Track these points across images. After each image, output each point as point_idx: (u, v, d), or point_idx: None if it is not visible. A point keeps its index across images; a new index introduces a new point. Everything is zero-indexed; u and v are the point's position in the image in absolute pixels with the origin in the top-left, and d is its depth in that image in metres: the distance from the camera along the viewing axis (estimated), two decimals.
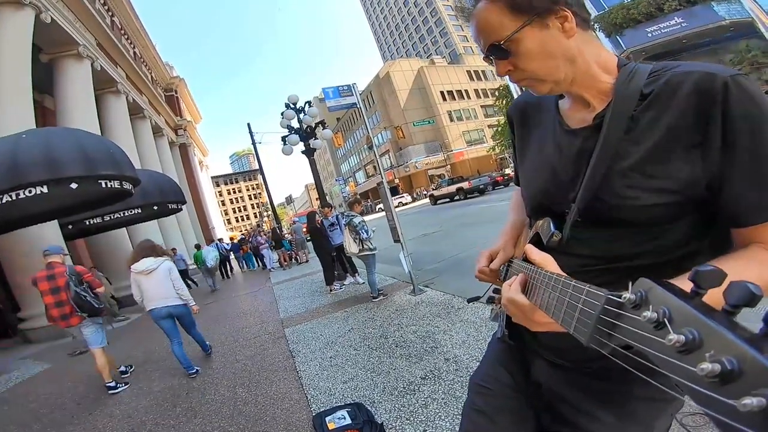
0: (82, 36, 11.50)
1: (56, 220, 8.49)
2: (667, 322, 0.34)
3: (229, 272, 16.29)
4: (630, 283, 0.40)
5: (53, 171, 5.65)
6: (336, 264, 7.42)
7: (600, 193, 0.69)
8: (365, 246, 5.74)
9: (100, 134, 11.66)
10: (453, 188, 24.92)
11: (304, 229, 12.82)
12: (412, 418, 2.33)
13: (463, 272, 5.87)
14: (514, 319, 0.71)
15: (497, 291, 0.98)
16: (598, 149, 0.69)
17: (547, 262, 0.64)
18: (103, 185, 6.38)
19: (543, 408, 0.89)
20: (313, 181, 9.11)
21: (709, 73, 0.61)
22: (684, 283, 0.37)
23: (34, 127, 8.28)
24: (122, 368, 4.70)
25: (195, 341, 4.60)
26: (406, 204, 36.19)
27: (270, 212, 23.36)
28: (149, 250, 4.31)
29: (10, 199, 5.52)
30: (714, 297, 0.34)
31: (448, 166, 48.22)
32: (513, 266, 0.88)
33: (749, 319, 0.33)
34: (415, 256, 7.54)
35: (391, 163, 51.03)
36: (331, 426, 2.32)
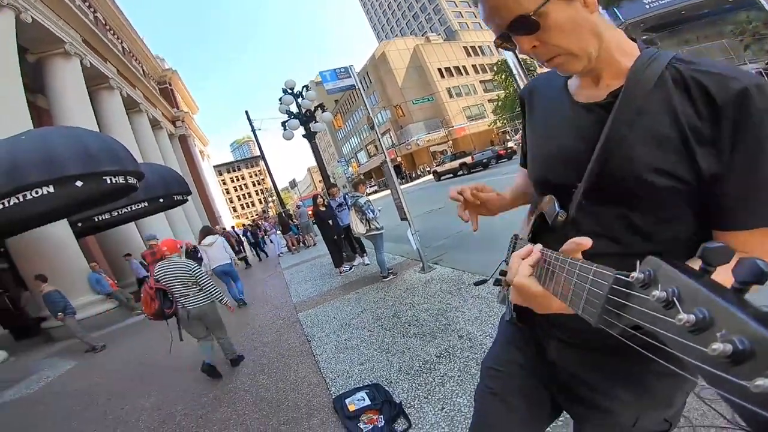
0: (67, 34, 11.31)
1: (65, 219, 8.58)
2: (676, 302, 0.33)
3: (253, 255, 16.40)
4: (638, 262, 0.40)
5: (58, 171, 5.69)
6: (344, 245, 7.46)
7: (608, 167, 0.69)
8: (372, 226, 5.75)
9: (98, 130, 11.65)
10: (456, 164, 24.78)
11: (310, 213, 12.88)
12: (429, 397, 2.38)
13: (470, 247, 5.88)
14: (516, 301, 0.70)
15: (504, 273, 0.97)
16: (610, 123, 0.68)
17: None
18: (108, 181, 6.42)
19: (558, 388, 0.90)
20: (315, 164, 9.08)
21: (732, 77, 0.61)
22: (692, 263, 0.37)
23: (31, 127, 8.26)
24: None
25: (237, 289, 6.89)
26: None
27: (275, 198, 23.45)
28: (208, 231, 6.96)
29: (17, 201, 5.59)
30: (722, 275, 0.34)
31: (450, 142, 47.75)
32: (519, 245, 0.88)
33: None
34: (422, 233, 7.53)
35: (392, 141, 50.60)
36: (351, 408, 2.39)
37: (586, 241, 0.58)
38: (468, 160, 23.78)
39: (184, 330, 3.77)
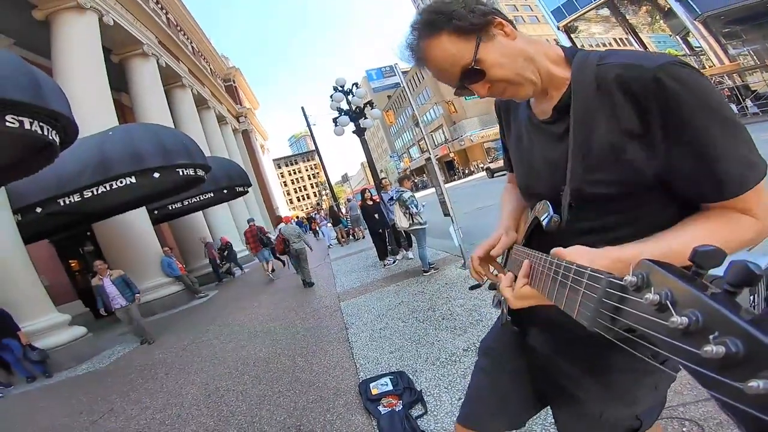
0: (144, 35, 12.35)
1: (144, 207, 9.57)
2: (669, 305, 0.33)
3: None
4: (631, 266, 0.40)
5: (138, 163, 6.41)
6: (389, 239, 7.60)
7: (580, 180, 0.72)
8: (415, 220, 5.81)
9: (173, 126, 12.78)
10: None
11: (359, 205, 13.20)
12: (449, 387, 2.44)
13: None
14: (523, 306, 0.72)
15: None
16: (572, 140, 0.72)
17: (576, 255, 0.62)
18: (181, 173, 7.11)
19: (538, 371, 0.96)
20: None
21: (639, 66, 0.63)
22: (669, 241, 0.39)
23: (116, 122, 9.23)
24: (272, 274, 10.03)
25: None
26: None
27: (328, 191, 24.30)
28: (280, 220, 9.72)
29: (104, 190, 6.38)
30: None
31: None
32: (513, 252, 0.91)
33: None
34: (468, 229, 7.45)
35: (445, 137, 49.97)
36: (374, 392, 2.52)
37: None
38: None
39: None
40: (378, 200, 7.52)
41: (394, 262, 7.27)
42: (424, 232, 5.82)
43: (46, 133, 4.09)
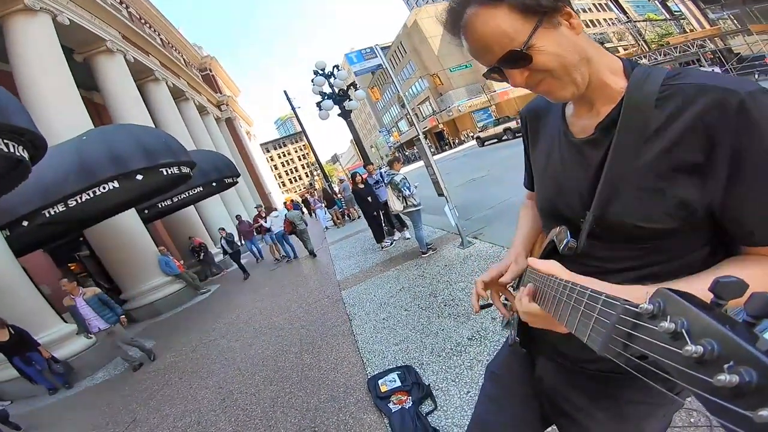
0: (105, 32, 11.71)
1: (133, 208, 9.42)
2: (684, 333, 0.33)
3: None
4: (647, 293, 0.40)
5: (119, 167, 6.23)
6: (384, 221, 7.58)
7: (609, 208, 0.68)
8: (409, 203, 5.76)
9: (151, 121, 12.39)
10: (500, 129, 23.57)
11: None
12: (457, 380, 2.47)
13: (512, 220, 5.72)
14: (536, 326, 0.71)
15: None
16: (609, 162, 0.67)
17: (552, 269, 0.64)
18: (165, 173, 6.94)
19: (545, 399, 0.96)
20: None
21: (724, 89, 0.56)
22: (704, 283, 0.38)
23: (90, 123, 8.94)
24: (279, 257, 11.04)
25: (288, 246, 10.25)
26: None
27: (319, 172, 24.07)
28: (272, 209, 13.92)
29: (89, 197, 6.23)
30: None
31: (493, 107, 45.48)
32: (526, 276, 0.88)
33: None
34: (463, 204, 7.46)
35: (432, 109, 49.15)
36: (383, 388, 2.55)
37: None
38: (512, 124, 22.55)
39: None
40: (367, 178, 7.49)
41: (391, 244, 7.27)
42: (419, 214, 5.78)
43: (12, 150, 3.92)
